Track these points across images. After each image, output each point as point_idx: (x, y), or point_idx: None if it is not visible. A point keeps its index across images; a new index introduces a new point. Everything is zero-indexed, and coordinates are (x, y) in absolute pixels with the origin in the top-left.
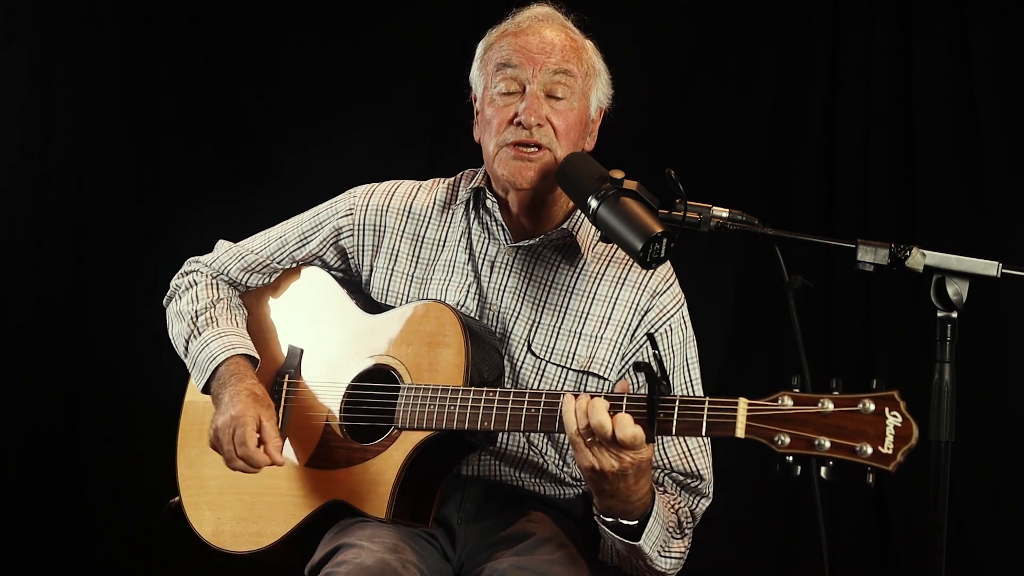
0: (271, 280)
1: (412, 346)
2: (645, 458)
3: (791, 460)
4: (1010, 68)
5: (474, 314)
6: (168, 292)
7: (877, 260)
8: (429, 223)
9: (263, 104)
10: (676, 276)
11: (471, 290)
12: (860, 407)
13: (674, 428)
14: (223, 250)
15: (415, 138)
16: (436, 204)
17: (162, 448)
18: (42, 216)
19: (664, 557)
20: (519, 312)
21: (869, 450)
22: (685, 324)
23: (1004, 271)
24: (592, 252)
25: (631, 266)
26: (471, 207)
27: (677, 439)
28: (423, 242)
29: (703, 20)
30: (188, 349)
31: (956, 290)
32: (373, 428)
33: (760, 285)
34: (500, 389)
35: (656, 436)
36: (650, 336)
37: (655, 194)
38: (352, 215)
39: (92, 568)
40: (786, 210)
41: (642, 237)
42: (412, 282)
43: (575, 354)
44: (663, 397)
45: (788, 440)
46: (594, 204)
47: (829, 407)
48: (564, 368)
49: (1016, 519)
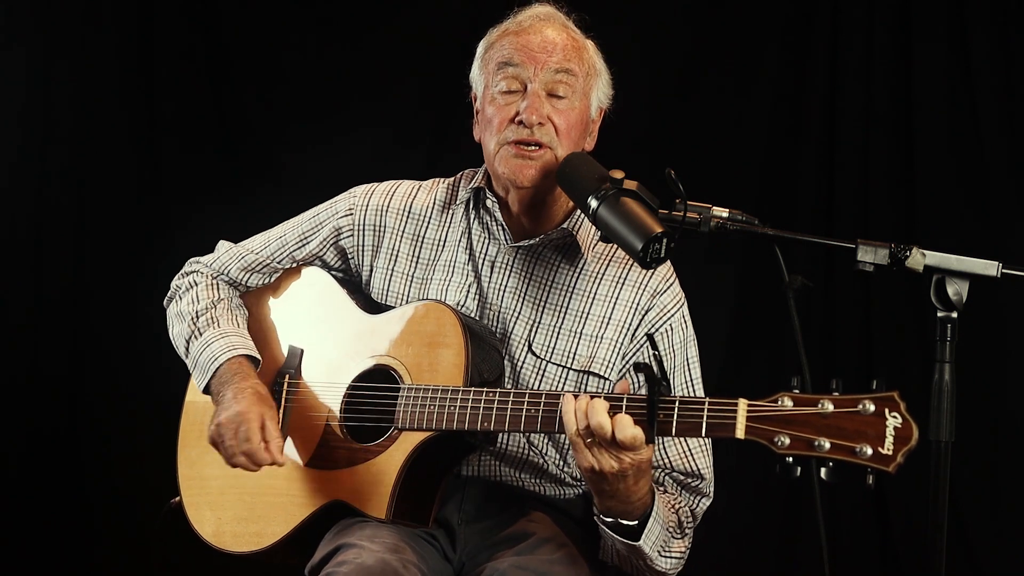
0: (271, 280)
1: (412, 346)
2: (645, 459)
3: (791, 461)
4: (1010, 68)
5: (474, 314)
6: (168, 293)
7: (877, 260)
8: (429, 223)
9: (263, 104)
10: (676, 276)
11: (471, 290)
12: (860, 408)
13: (674, 429)
14: (223, 250)
15: (415, 138)
16: (436, 204)
17: (162, 448)
18: (42, 216)
19: (664, 557)
20: (519, 312)
21: (869, 451)
22: (685, 323)
23: (1004, 271)
24: (592, 252)
25: (631, 266)
26: (471, 207)
27: (677, 439)
28: (423, 242)
29: (703, 20)
30: (189, 349)
31: (956, 290)
32: (373, 428)
33: (760, 285)
34: (500, 389)
35: (656, 437)
36: (650, 337)
37: (655, 194)
38: (352, 215)
39: (92, 568)
40: (786, 210)
41: (642, 237)
42: (412, 282)
43: (576, 354)
44: (663, 398)
45: (788, 441)
46: (594, 204)
47: (829, 408)
48: (565, 368)
49: (1016, 519)
